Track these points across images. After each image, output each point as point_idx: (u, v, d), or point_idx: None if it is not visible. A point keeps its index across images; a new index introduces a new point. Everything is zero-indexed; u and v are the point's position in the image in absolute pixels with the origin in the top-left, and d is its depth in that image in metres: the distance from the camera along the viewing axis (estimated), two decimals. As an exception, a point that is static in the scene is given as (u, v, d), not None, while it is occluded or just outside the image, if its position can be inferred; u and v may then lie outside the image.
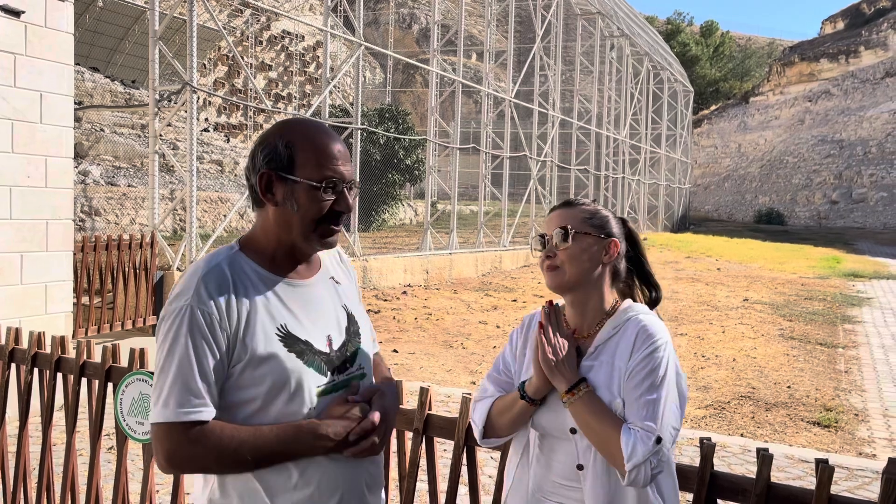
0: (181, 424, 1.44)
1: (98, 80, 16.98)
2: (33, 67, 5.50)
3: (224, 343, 1.47)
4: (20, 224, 5.49)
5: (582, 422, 1.60)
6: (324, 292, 1.64)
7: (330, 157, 1.55)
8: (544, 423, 1.71)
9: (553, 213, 1.78)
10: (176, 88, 9.86)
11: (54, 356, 2.99)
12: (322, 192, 1.54)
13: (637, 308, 1.72)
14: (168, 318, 1.48)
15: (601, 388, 1.63)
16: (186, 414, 1.44)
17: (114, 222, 13.81)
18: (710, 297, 13.49)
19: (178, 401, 1.44)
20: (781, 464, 4.83)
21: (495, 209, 18.92)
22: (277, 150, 1.54)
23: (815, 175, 43.99)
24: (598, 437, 1.58)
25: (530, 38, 22.29)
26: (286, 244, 1.57)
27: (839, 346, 9.57)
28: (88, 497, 2.88)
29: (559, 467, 1.69)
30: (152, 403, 1.48)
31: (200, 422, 1.45)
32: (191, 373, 1.45)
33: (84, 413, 3.38)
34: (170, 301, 1.49)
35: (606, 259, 1.72)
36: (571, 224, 1.71)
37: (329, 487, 1.54)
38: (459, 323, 10.08)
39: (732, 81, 59.82)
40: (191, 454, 1.45)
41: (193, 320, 1.45)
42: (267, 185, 1.54)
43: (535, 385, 1.68)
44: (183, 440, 1.44)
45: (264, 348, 1.49)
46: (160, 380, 1.47)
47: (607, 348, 1.67)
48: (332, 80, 12.95)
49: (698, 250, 23.58)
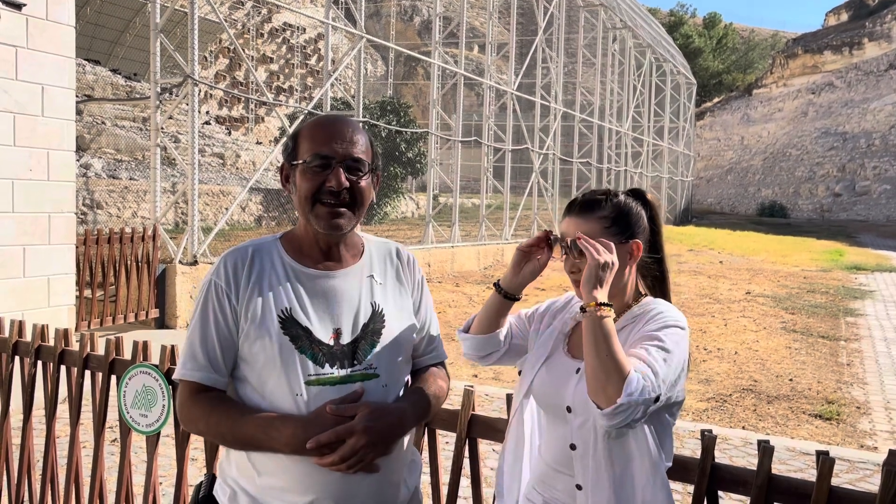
0: (185, 384, 1.61)
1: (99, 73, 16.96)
2: (35, 60, 5.49)
3: (231, 315, 1.59)
4: (22, 217, 5.50)
5: (593, 339, 1.51)
6: (350, 287, 1.64)
7: (325, 136, 1.58)
8: (543, 395, 1.73)
9: (570, 220, 1.73)
10: (177, 81, 9.84)
11: (58, 349, 2.99)
12: (310, 168, 1.57)
13: (660, 303, 1.71)
14: (203, 286, 1.64)
15: None
16: (184, 374, 1.61)
17: (116, 215, 13.82)
18: (713, 290, 13.48)
19: (183, 362, 1.61)
20: (783, 456, 4.84)
21: (497, 202, 18.90)
22: (287, 143, 1.65)
23: (819, 168, 43.90)
24: (601, 361, 1.48)
25: (532, 30, 22.23)
26: (310, 233, 1.65)
27: (841, 339, 9.57)
28: (92, 489, 2.89)
29: (552, 450, 1.70)
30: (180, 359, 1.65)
31: (202, 386, 1.60)
32: (196, 340, 1.60)
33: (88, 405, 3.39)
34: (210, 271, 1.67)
35: (631, 262, 1.70)
36: (593, 236, 1.66)
37: (301, 486, 1.53)
38: (461, 316, 10.08)
39: (735, 74, 59.65)
40: (187, 414, 1.61)
41: (209, 294, 1.60)
42: (286, 176, 1.66)
43: (508, 277, 1.79)
44: (184, 399, 1.61)
45: (259, 325, 1.56)
46: (189, 338, 1.63)
47: (621, 335, 1.65)
48: (333, 72, 12.93)
49: (701, 243, 23.56)
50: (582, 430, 1.63)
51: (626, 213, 1.72)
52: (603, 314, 1.52)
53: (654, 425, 1.62)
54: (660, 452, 1.64)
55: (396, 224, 20.84)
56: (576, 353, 1.74)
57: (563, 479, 1.69)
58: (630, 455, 1.61)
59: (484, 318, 1.84)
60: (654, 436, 1.63)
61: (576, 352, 1.74)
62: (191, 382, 1.60)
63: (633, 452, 1.61)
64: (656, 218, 1.79)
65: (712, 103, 54.76)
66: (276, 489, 1.56)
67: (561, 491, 1.70)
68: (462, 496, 2.36)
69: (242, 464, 1.59)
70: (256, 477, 1.57)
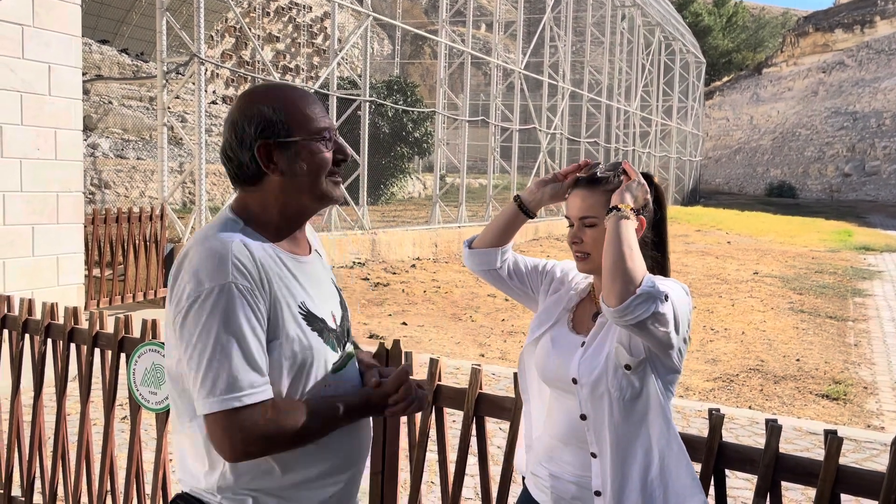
0: (260, 407, 1.38)
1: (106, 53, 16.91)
2: (41, 39, 5.48)
3: (263, 319, 1.42)
4: (31, 196, 5.51)
5: (615, 238, 1.59)
6: (319, 266, 1.64)
7: (316, 110, 1.55)
8: (547, 370, 1.75)
9: (577, 192, 1.77)
10: (184, 60, 9.81)
11: (67, 327, 3.01)
12: (324, 144, 1.54)
13: (659, 278, 1.72)
14: (208, 299, 1.37)
15: (608, 343, 1.67)
16: (255, 396, 1.38)
17: (123, 195, 13.85)
18: (720, 271, 13.45)
19: (250, 381, 1.38)
20: (790, 436, 4.84)
21: (504, 182, 18.84)
22: (270, 119, 1.49)
23: (828, 147, 43.54)
24: (620, 256, 1.56)
25: (540, 8, 22.02)
26: (291, 214, 1.54)
27: (849, 320, 9.54)
28: (103, 466, 2.92)
29: (558, 425, 1.72)
30: (204, 393, 1.37)
31: (270, 401, 1.41)
32: (237, 356, 1.37)
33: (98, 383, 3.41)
34: (195, 281, 1.39)
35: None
36: (596, 209, 1.71)
37: (344, 465, 1.56)
38: (468, 296, 10.10)
39: (745, 52, 59.01)
40: (278, 433, 1.41)
41: (231, 298, 1.38)
42: (268, 156, 1.50)
43: (529, 191, 1.84)
44: (269, 419, 1.39)
45: (293, 328, 1.46)
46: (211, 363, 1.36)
47: None
48: (339, 51, 12.85)
49: (708, 223, 23.46)
50: (592, 398, 1.66)
51: None
52: (627, 215, 1.62)
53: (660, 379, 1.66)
54: (669, 410, 1.69)
55: (403, 204, 20.80)
56: (579, 328, 1.77)
57: (572, 451, 1.70)
58: (644, 414, 1.65)
59: (492, 228, 1.90)
60: (662, 393, 1.67)
61: (579, 327, 1.77)
62: (266, 402, 1.40)
63: (646, 410, 1.65)
64: (662, 201, 1.81)
65: (721, 82, 54.24)
66: (309, 481, 1.51)
67: (570, 463, 1.71)
68: (469, 473, 2.38)
69: (256, 466, 1.46)
70: (280, 475, 1.48)
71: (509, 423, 2.18)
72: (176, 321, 1.41)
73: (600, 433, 1.66)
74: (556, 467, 1.74)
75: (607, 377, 1.64)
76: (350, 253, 12.61)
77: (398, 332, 7.95)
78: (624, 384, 1.63)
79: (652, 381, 1.65)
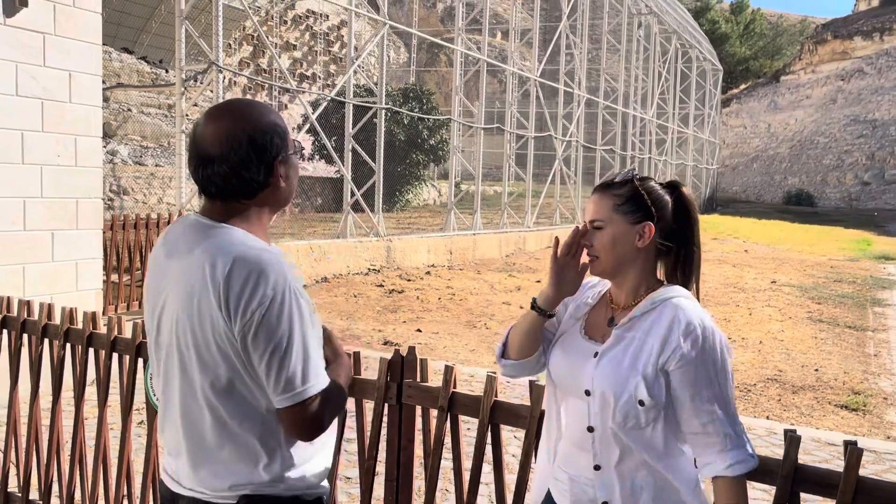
0: (334, 386, 1.60)
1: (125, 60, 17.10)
2: (62, 47, 5.55)
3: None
4: (51, 202, 5.58)
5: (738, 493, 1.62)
6: None
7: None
8: (560, 377, 1.74)
9: (592, 196, 1.77)
10: (202, 68, 9.90)
11: (86, 332, 3.04)
12: (299, 154, 1.68)
13: (678, 290, 1.69)
14: (285, 294, 1.47)
15: (626, 362, 1.63)
16: (327, 372, 1.58)
17: (141, 201, 13.97)
18: (737, 279, 13.34)
19: (321, 369, 1.56)
20: (808, 447, 4.79)
21: (519, 190, 18.83)
22: (282, 134, 1.58)
23: (847, 156, 43.12)
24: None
25: (556, 16, 22.02)
26: (265, 226, 1.64)
27: (869, 329, 9.43)
28: (120, 470, 2.94)
29: (572, 430, 1.72)
30: (298, 379, 1.49)
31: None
32: (314, 345, 1.54)
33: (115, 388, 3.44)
34: (264, 287, 1.46)
35: (640, 244, 1.69)
36: (604, 212, 1.70)
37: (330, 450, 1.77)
38: (483, 303, 10.08)
39: (763, 60, 58.66)
40: (338, 405, 1.63)
41: (299, 297, 1.50)
42: (277, 170, 1.58)
43: (548, 294, 1.72)
44: (328, 398, 1.56)
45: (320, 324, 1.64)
46: (299, 353, 1.49)
47: (642, 324, 1.66)
48: (356, 59, 12.92)
49: (725, 231, 23.30)
50: (602, 414, 1.64)
51: (641, 195, 1.70)
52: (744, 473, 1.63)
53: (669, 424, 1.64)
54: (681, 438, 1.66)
55: (418, 211, 20.84)
56: (592, 332, 1.74)
57: (585, 457, 1.70)
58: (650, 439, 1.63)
59: (524, 340, 1.79)
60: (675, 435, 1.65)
61: (592, 332, 1.75)
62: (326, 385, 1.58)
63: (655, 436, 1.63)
64: (690, 211, 1.75)
65: (739, 90, 53.92)
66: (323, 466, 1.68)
67: (584, 468, 1.71)
68: (483, 482, 2.37)
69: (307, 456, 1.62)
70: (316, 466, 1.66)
71: (524, 430, 2.17)
72: (245, 330, 1.46)
73: (605, 447, 1.65)
74: (574, 470, 1.73)
75: (618, 399, 1.61)
76: (365, 260, 12.64)
77: (413, 339, 7.95)
78: (631, 413, 1.60)
79: (661, 422, 1.62)
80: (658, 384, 1.59)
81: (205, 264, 1.48)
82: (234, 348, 1.48)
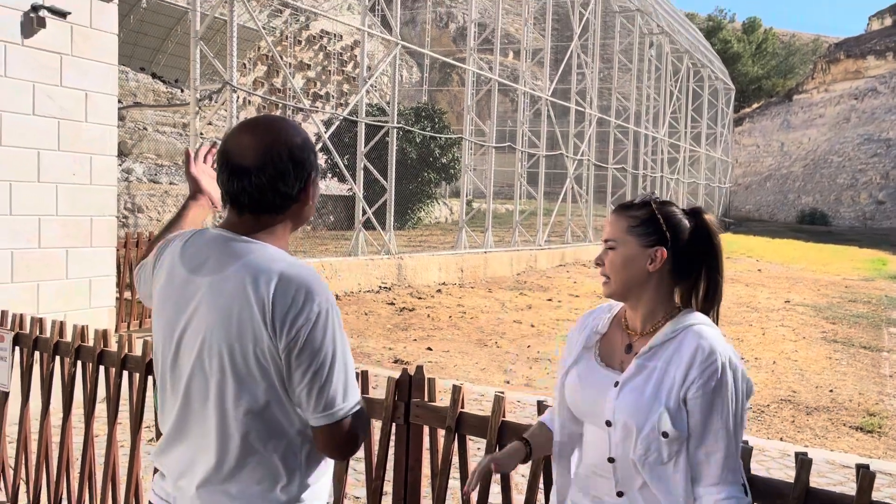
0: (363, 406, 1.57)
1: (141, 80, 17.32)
2: (79, 67, 5.63)
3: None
4: (66, 220, 5.63)
5: None
6: None
7: None
8: (578, 406, 1.71)
9: (610, 216, 1.75)
10: (216, 88, 10.01)
11: (97, 349, 3.06)
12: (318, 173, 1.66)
13: (698, 317, 1.66)
14: (329, 311, 1.46)
15: (648, 392, 1.59)
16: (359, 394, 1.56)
17: (156, 219, 14.08)
18: (751, 299, 13.25)
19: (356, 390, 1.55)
20: (822, 469, 4.73)
21: (531, 208, 18.83)
22: (316, 152, 1.60)
23: (861, 175, 42.88)
24: None
25: (568, 35, 22.13)
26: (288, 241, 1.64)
27: (884, 350, 9.32)
28: (129, 487, 2.94)
29: (592, 456, 1.70)
30: (339, 397, 1.48)
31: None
32: (351, 364, 1.53)
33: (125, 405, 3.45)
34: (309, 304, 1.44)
35: (651, 267, 1.66)
36: (617, 233, 1.68)
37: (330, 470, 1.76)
38: (494, 322, 10.06)
39: (775, 79, 58.62)
40: (364, 428, 1.58)
41: (338, 318, 1.50)
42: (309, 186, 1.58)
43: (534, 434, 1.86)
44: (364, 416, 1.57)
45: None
46: (341, 371, 1.48)
47: (663, 352, 1.62)
48: (369, 79, 13.02)
49: (738, 251, 23.18)
50: (623, 444, 1.61)
51: (656, 218, 1.67)
52: None
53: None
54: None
55: (430, 229, 20.88)
56: (609, 360, 1.70)
57: (606, 483, 1.67)
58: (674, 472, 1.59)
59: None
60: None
61: (609, 360, 1.70)
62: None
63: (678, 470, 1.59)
64: (713, 238, 1.72)
65: (751, 109, 53.84)
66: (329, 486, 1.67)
67: (606, 493, 1.68)
68: (492, 502, 2.35)
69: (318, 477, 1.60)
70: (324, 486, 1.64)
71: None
72: (290, 347, 1.43)
73: (627, 476, 1.62)
74: (596, 493, 1.71)
75: (641, 430, 1.57)
76: (376, 277, 12.66)
77: (423, 357, 7.94)
78: (653, 446, 1.57)
79: (683, 458, 1.58)
80: (681, 415, 1.56)
81: (245, 281, 1.44)
82: (277, 366, 1.45)
